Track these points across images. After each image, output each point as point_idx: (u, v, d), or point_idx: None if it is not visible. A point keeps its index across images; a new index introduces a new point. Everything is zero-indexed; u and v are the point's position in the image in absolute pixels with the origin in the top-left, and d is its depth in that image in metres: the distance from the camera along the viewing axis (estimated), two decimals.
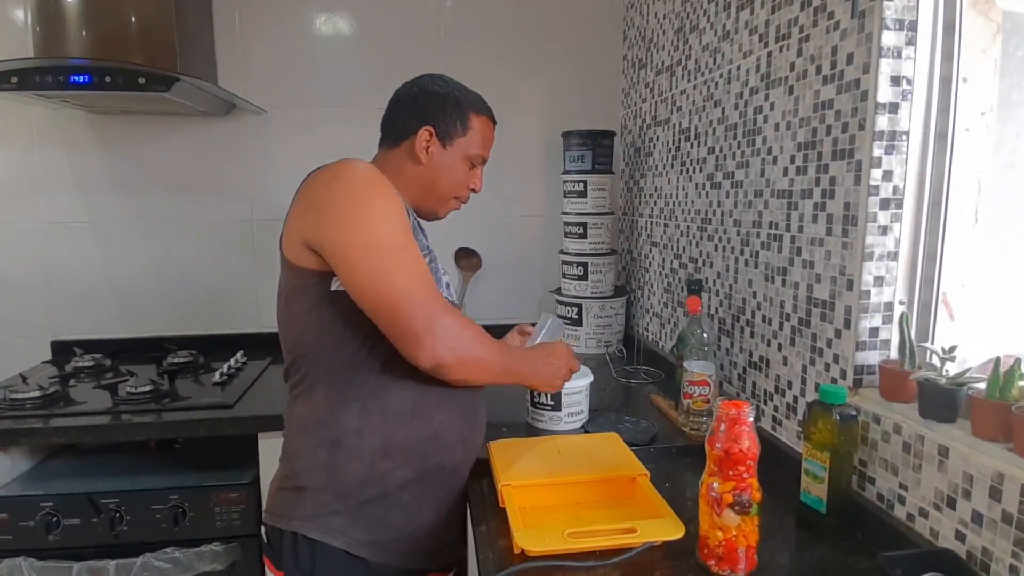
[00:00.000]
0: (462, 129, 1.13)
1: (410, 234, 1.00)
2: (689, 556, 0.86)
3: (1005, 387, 0.80)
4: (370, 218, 0.95)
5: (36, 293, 1.97)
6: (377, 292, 0.93)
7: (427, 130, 1.11)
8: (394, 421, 1.03)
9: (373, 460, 1.02)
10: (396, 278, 0.93)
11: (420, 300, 0.93)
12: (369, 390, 1.02)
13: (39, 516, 1.40)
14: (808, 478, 0.95)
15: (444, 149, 1.12)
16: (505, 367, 1.05)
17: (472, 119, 1.14)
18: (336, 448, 1.02)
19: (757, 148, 1.27)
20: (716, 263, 1.46)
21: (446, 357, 0.93)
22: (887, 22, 0.93)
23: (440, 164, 1.12)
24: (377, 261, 0.93)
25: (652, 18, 1.84)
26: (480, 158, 1.17)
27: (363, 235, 0.94)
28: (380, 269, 0.93)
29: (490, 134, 1.18)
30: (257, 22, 1.96)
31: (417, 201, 1.14)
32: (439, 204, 1.16)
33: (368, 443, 1.02)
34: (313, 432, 1.04)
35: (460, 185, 1.16)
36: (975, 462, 0.79)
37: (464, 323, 0.98)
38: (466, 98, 1.15)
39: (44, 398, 1.53)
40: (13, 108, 1.86)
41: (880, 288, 0.99)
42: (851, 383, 1.01)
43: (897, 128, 0.95)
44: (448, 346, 0.93)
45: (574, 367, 1.17)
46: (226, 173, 2.01)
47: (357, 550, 1.01)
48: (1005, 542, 0.75)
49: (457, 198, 1.18)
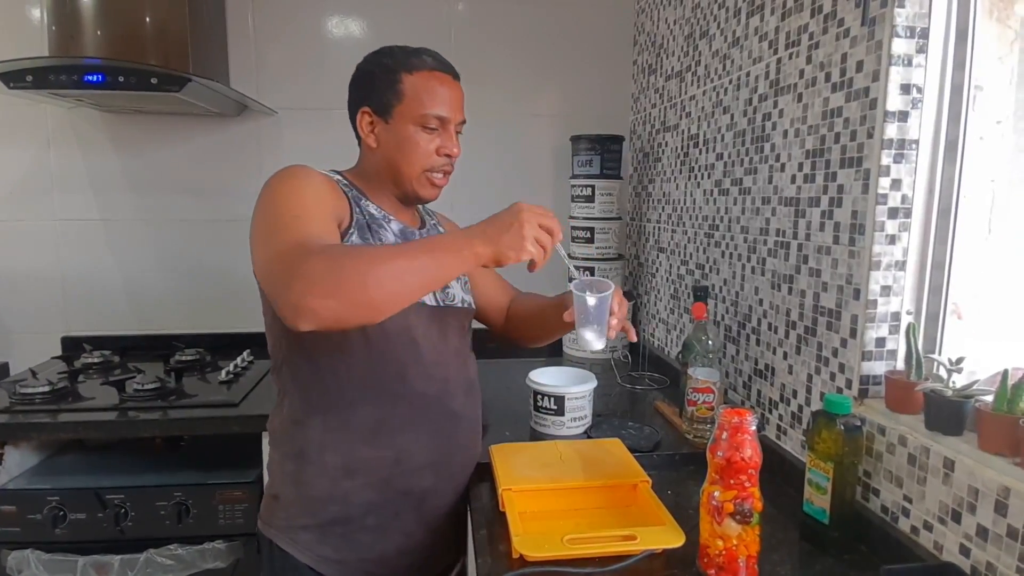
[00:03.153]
0: (395, 96, 1.01)
1: (317, 209, 0.90)
2: (689, 565, 0.86)
3: (1013, 400, 0.79)
4: (264, 208, 0.90)
5: (48, 289, 1.99)
6: (259, 266, 0.85)
7: (364, 112, 1.03)
8: (356, 438, 1.00)
9: (336, 477, 0.99)
10: (272, 242, 0.83)
11: (280, 255, 0.80)
12: (331, 405, 0.99)
13: (46, 510, 1.41)
14: (811, 488, 0.94)
15: (387, 125, 1.02)
16: (407, 255, 0.81)
17: (404, 80, 1.01)
18: (301, 461, 1.00)
19: (765, 155, 1.27)
20: (723, 270, 1.45)
21: (314, 303, 0.75)
22: (898, 29, 0.92)
23: (391, 143, 1.03)
24: (263, 239, 0.86)
25: (662, 24, 1.84)
26: (433, 118, 1.02)
27: (261, 224, 0.89)
28: (262, 244, 0.85)
29: (440, 87, 1.02)
30: (269, 24, 1.98)
31: (393, 189, 1.07)
32: (413, 184, 1.05)
33: (330, 459, 0.99)
34: (281, 443, 1.04)
35: (424, 156, 1.03)
36: (981, 476, 0.78)
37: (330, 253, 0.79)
38: (396, 61, 1.02)
39: (53, 393, 1.54)
40: (28, 107, 1.88)
41: (887, 298, 0.98)
42: (857, 393, 1.00)
43: (907, 137, 0.94)
44: (312, 290, 0.75)
45: (544, 222, 0.88)
46: (237, 173, 2.02)
47: (323, 567, 1.01)
48: (1010, 558, 0.74)
49: (429, 171, 1.04)
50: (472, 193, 1.96)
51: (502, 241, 0.84)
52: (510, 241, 0.84)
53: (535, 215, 0.86)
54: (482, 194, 2.06)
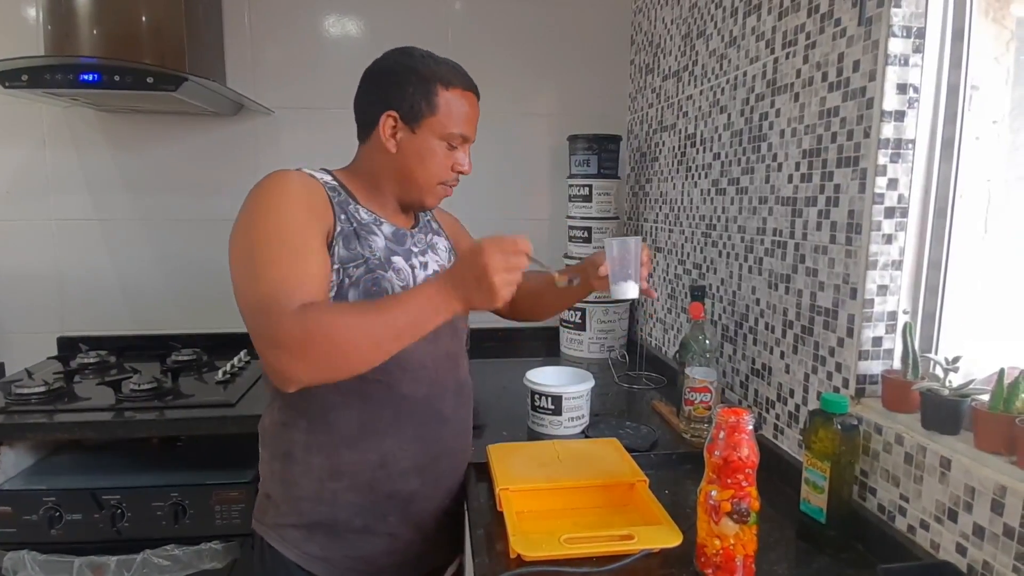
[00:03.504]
0: (429, 108, 1.00)
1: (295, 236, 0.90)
2: (687, 564, 0.86)
3: (1009, 399, 0.79)
4: (242, 235, 0.90)
5: (45, 289, 1.98)
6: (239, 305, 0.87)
7: (390, 116, 1.00)
8: (340, 442, 0.99)
9: (322, 478, 0.99)
10: (250, 289, 0.86)
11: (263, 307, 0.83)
12: (316, 408, 0.98)
13: (42, 510, 1.41)
14: (808, 487, 0.94)
15: (413, 134, 1.00)
16: (383, 316, 0.84)
17: (440, 94, 1.00)
18: (288, 461, 1.01)
19: (762, 154, 1.27)
20: (720, 269, 1.45)
21: (292, 368, 0.81)
22: (894, 29, 0.93)
23: (411, 151, 1.01)
24: (241, 277, 0.88)
25: (660, 23, 1.84)
26: (459, 137, 1.03)
27: (235, 255, 0.90)
28: (241, 282, 0.88)
29: (468, 108, 1.03)
30: (266, 23, 1.97)
31: (399, 194, 1.05)
32: (422, 194, 1.05)
33: (316, 461, 0.99)
34: (270, 443, 1.04)
35: (440, 170, 1.03)
36: (977, 475, 0.78)
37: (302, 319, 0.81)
38: (431, 71, 1.00)
39: (48, 394, 1.54)
40: (24, 106, 1.88)
41: (884, 297, 0.98)
42: (853, 392, 1.00)
43: (903, 136, 0.94)
44: (289, 355, 0.80)
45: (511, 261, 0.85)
46: (234, 173, 2.01)
47: (310, 565, 1.01)
48: (1007, 556, 0.74)
49: (442, 184, 1.05)
50: (469, 193, 1.94)
51: (475, 299, 0.86)
52: (483, 297, 0.85)
53: (499, 257, 0.84)
54: (480, 194, 2.06)
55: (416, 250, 1.07)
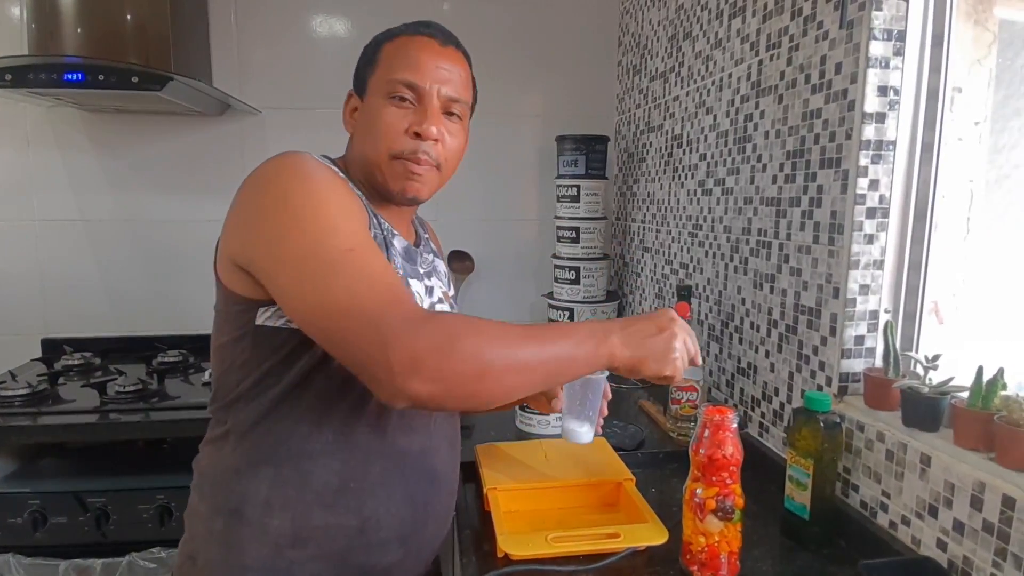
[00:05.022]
0: (371, 67, 0.86)
1: (361, 230, 0.76)
2: (672, 562, 0.86)
3: (987, 397, 0.81)
4: (301, 221, 0.71)
5: (28, 291, 1.96)
6: (319, 315, 0.68)
7: (349, 95, 0.90)
8: (312, 499, 0.79)
9: (279, 546, 0.78)
10: (337, 291, 0.67)
11: (368, 314, 0.65)
12: (288, 454, 0.79)
13: (26, 513, 1.39)
14: (792, 485, 0.95)
15: (363, 103, 0.87)
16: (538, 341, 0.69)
17: (383, 49, 0.86)
18: (235, 520, 0.79)
19: (747, 155, 1.28)
20: (706, 269, 1.46)
21: (418, 387, 0.63)
22: (875, 32, 0.94)
23: (361, 124, 0.86)
24: (312, 274, 0.69)
25: (647, 25, 1.85)
26: (402, 86, 0.82)
27: (294, 245, 0.70)
28: (317, 285, 0.68)
29: (415, 50, 0.85)
30: (253, 23, 1.96)
31: (374, 188, 0.87)
32: (384, 174, 0.84)
33: (276, 523, 0.78)
34: (212, 493, 0.82)
35: (389, 135, 0.83)
36: (957, 471, 0.79)
37: (445, 327, 0.66)
38: (384, 34, 0.88)
39: (32, 396, 1.52)
40: (6, 106, 1.85)
41: (866, 296, 0.99)
42: (836, 391, 1.02)
43: (884, 138, 0.96)
44: (418, 369, 0.63)
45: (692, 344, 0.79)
46: (220, 173, 2.00)
47: None
48: (986, 551, 0.75)
49: (399, 156, 0.83)
50: (456, 195, 1.96)
51: (647, 347, 0.74)
52: (657, 350, 0.74)
53: (687, 331, 0.78)
54: (467, 194, 2.06)
55: (422, 271, 0.92)
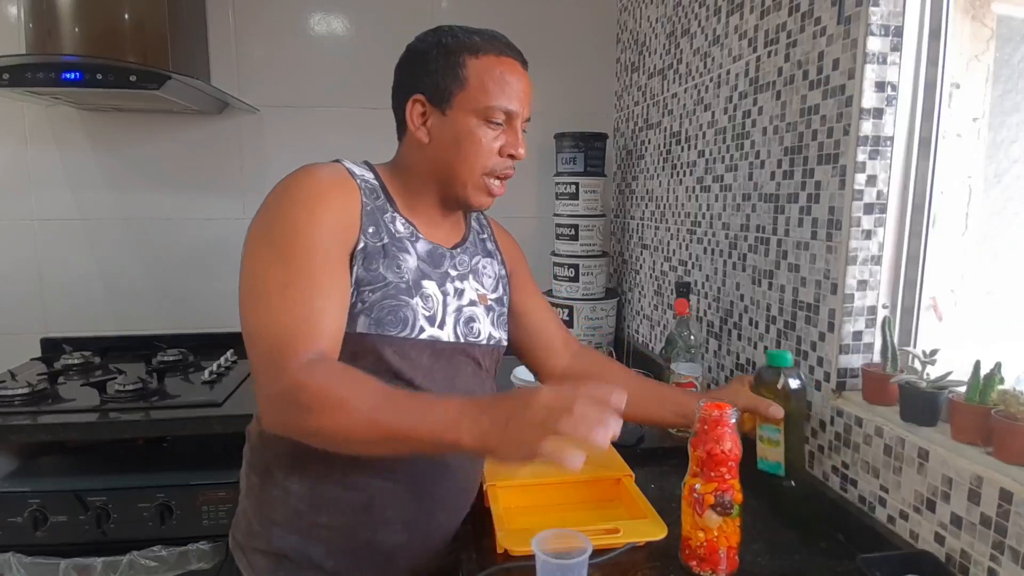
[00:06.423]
0: (456, 82, 0.86)
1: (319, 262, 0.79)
2: (672, 557, 0.87)
3: (985, 391, 0.81)
4: (266, 247, 0.80)
5: (27, 290, 1.96)
6: (243, 331, 0.79)
7: (416, 100, 0.88)
8: (326, 471, 0.86)
9: (299, 509, 0.87)
10: (254, 320, 0.78)
11: (267, 349, 0.75)
12: None
13: (27, 512, 1.39)
14: (764, 444, 0.96)
15: (444, 116, 0.87)
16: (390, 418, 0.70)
17: (468, 64, 0.87)
18: (266, 478, 0.89)
19: (745, 152, 1.28)
20: (705, 266, 1.47)
21: (271, 424, 0.76)
22: (873, 28, 0.94)
23: (446, 137, 0.88)
24: (246, 299, 0.80)
25: (644, 22, 1.85)
26: (499, 111, 0.87)
27: (249, 271, 0.80)
28: (247, 309, 0.80)
29: (508, 74, 0.88)
30: (251, 21, 1.96)
31: (442, 194, 0.92)
32: (468, 190, 0.90)
33: (296, 488, 0.87)
34: (251, 452, 0.94)
35: (485, 155, 0.88)
36: (954, 465, 0.80)
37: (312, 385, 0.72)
38: (457, 41, 0.88)
39: (32, 395, 1.52)
40: (4, 105, 1.86)
41: (864, 292, 0.99)
42: (835, 386, 1.02)
43: (881, 133, 0.96)
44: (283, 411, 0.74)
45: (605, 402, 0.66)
46: (218, 172, 2.00)
47: None
48: (984, 545, 0.75)
49: (491, 174, 0.90)
50: None
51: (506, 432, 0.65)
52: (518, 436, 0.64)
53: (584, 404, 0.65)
54: None
55: (454, 273, 0.94)
